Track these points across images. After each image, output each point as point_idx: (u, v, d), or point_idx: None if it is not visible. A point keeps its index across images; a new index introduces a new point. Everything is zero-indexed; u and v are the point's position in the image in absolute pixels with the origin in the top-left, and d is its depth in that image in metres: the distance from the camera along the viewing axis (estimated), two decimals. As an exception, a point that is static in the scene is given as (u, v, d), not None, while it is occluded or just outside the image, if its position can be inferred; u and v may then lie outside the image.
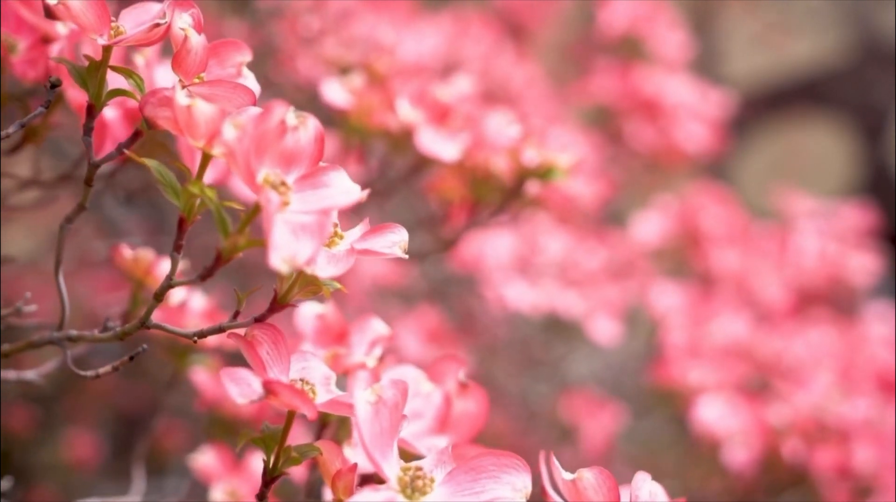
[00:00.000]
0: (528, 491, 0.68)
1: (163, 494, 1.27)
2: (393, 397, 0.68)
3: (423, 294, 2.21)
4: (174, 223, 1.95)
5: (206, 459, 1.18)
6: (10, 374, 1.02)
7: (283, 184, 0.69)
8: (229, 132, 0.66)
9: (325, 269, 0.71)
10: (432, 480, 0.68)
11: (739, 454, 1.85)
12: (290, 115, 0.70)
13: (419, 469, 0.68)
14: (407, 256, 0.75)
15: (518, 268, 2.10)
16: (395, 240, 0.75)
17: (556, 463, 0.75)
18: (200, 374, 1.24)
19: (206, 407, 1.26)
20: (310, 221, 0.66)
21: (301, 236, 0.65)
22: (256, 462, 1.17)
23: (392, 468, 0.67)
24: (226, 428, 1.27)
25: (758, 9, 4.14)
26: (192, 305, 1.10)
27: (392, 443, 0.68)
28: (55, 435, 2.32)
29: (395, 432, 0.68)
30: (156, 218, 2.07)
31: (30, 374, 1.03)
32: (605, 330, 2.08)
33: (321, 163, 0.73)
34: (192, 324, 1.07)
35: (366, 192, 0.72)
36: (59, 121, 1.10)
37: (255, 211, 0.70)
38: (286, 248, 0.64)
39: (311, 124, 0.71)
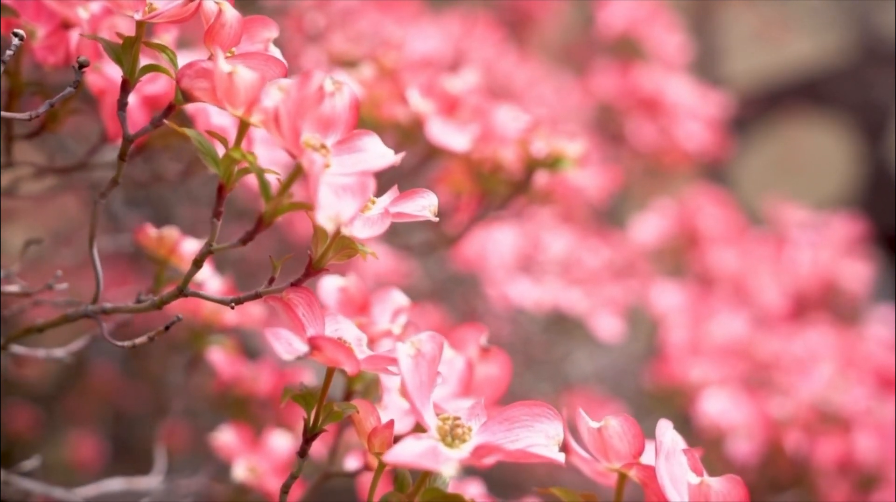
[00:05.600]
0: (560, 439, 0.70)
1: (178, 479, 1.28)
2: (431, 350, 0.70)
3: (425, 292, 2.22)
4: (178, 221, 1.96)
5: (226, 437, 1.19)
6: (40, 352, 1.04)
7: (324, 146, 0.71)
8: (274, 95, 0.68)
9: (361, 231, 0.73)
10: (470, 429, 0.70)
11: (743, 446, 1.87)
12: (328, 82, 0.72)
13: (457, 418, 0.70)
14: (437, 219, 0.77)
15: (521, 266, 2.12)
16: (426, 204, 0.78)
17: (582, 413, 0.77)
18: (218, 355, 1.26)
19: (222, 387, 1.28)
20: (351, 182, 0.68)
21: (343, 196, 0.67)
22: (275, 439, 1.19)
23: (432, 418, 0.69)
24: (242, 409, 1.29)
25: (757, 6, 4.17)
26: (210, 285, 1.12)
27: (430, 395, 0.70)
28: (57, 436, 2.33)
29: (433, 384, 0.70)
30: (160, 216, 2.08)
31: (59, 352, 1.04)
32: (608, 326, 2.09)
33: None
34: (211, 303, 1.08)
35: (400, 156, 0.74)
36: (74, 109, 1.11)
37: (296, 173, 0.72)
38: (331, 207, 0.67)
39: (347, 91, 0.73)
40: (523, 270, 2.13)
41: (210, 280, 1.12)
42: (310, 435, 0.78)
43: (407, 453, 0.65)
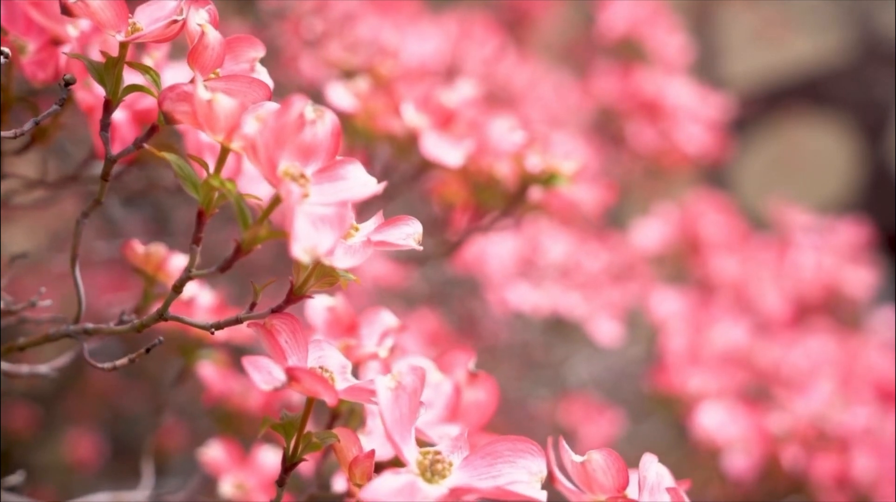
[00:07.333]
0: (543, 475, 0.69)
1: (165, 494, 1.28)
2: (412, 383, 0.69)
3: (423, 296, 2.21)
4: (176, 225, 1.95)
5: (214, 453, 1.19)
6: (23, 368, 1.03)
7: (303, 176, 0.71)
8: (251, 125, 0.67)
9: (342, 260, 0.72)
10: (451, 464, 0.69)
11: (739, 461, 1.86)
12: (309, 109, 0.71)
13: (438, 453, 0.69)
14: (421, 247, 0.76)
15: (520, 271, 2.11)
16: (410, 233, 0.77)
17: (565, 446, 0.77)
18: (208, 369, 1.25)
19: (212, 402, 1.28)
20: (329, 213, 0.68)
21: (321, 227, 0.67)
22: (264, 455, 1.19)
23: (412, 452, 0.68)
24: (232, 423, 1.29)
25: (757, 6, 4.16)
26: (200, 301, 1.11)
27: (411, 429, 0.69)
28: (56, 436, 2.33)
29: (414, 417, 0.69)
30: (158, 220, 2.07)
31: (43, 368, 1.04)
32: (607, 330, 2.08)
33: (337, 157, 0.74)
34: (201, 318, 1.08)
35: (382, 185, 0.73)
36: (66, 122, 1.11)
37: (274, 203, 0.71)
38: (307, 239, 0.66)
39: (329, 118, 0.73)
40: (522, 274, 2.12)
41: (200, 294, 1.12)
42: (289, 465, 0.78)
43: (384, 490, 0.64)
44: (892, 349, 2.29)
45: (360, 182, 0.73)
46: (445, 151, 1.30)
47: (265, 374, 0.71)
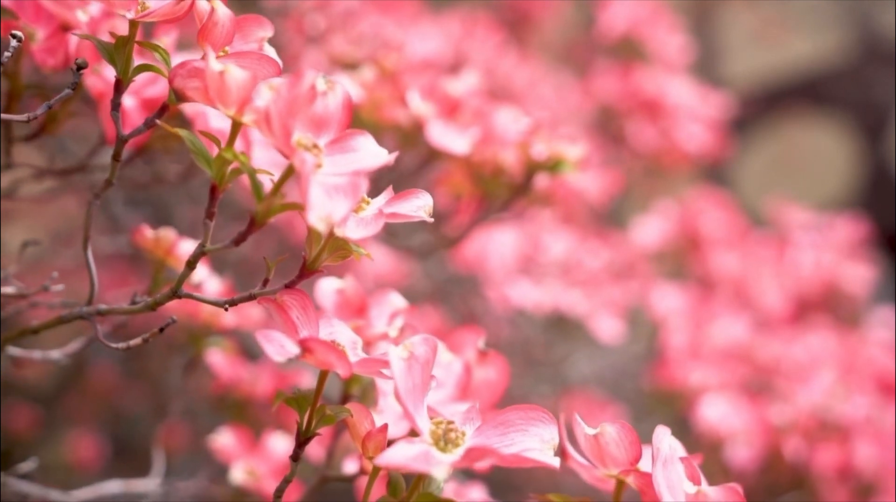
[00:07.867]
0: (555, 443, 0.69)
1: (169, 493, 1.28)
2: (424, 353, 0.69)
3: (425, 293, 2.21)
4: (180, 220, 1.95)
5: (225, 439, 1.19)
6: (36, 354, 1.03)
7: (315, 146, 0.71)
8: (264, 95, 0.67)
9: (354, 231, 0.72)
10: (464, 433, 0.69)
11: (742, 452, 1.86)
12: (320, 81, 0.72)
13: (451, 422, 0.69)
14: (432, 219, 0.77)
15: (521, 268, 2.12)
16: (421, 205, 0.77)
17: (578, 419, 0.77)
18: (217, 357, 1.25)
19: (221, 389, 1.28)
20: (342, 182, 0.68)
21: (335, 196, 0.67)
22: (274, 442, 1.19)
23: (425, 422, 0.69)
24: (241, 412, 1.29)
25: (757, 6, 4.17)
26: (209, 287, 1.11)
27: (423, 399, 0.69)
28: (56, 436, 2.33)
29: (427, 388, 0.70)
30: (162, 215, 2.07)
31: (55, 354, 1.04)
32: (608, 328, 2.09)
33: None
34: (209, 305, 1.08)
35: (394, 155, 0.74)
36: (74, 110, 1.11)
37: (288, 173, 0.72)
38: (322, 208, 0.66)
39: (340, 90, 0.73)
40: (523, 272, 2.12)
41: (208, 281, 1.12)
42: (302, 439, 0.78)
43: (398, 456, 0.64)
44: (892, 346, 2.30)
45: (371, 153, 0.74)
46: (452, 139, 1.31)
47: (278, 347, 0.71)
